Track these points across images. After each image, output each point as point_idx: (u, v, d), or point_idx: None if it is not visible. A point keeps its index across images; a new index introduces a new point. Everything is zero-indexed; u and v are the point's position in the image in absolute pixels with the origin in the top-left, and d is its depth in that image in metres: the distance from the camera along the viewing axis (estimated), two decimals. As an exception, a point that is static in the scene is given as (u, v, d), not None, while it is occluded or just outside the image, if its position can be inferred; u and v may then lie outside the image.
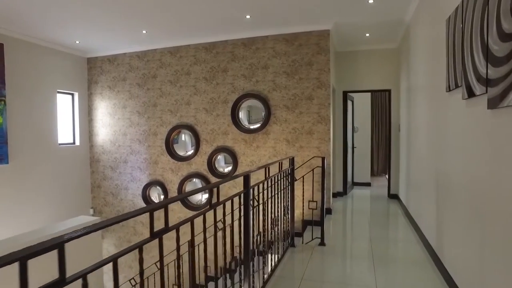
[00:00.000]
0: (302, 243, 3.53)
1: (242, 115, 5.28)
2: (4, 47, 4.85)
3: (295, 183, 3.58)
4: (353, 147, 6.89)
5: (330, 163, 4.77)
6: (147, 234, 1.27)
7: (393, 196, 5.81)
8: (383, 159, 8.73)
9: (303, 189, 3.53)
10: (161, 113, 5.76)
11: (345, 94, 6.13)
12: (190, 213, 5.40)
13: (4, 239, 2.93)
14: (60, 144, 5.78)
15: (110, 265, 1.09)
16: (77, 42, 5.51)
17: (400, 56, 5.51)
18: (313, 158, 4.24)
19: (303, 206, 3.62)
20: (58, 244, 0.81)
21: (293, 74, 4.90)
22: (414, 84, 4.18)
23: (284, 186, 3.28)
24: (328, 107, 4.75)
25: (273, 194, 2.86)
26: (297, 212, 4.41)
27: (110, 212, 6.27)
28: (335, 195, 6.03)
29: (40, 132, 5.39)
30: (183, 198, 2.38)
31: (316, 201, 3.45)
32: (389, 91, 5.87)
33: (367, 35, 5.18)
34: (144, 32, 5.01)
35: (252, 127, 5.22)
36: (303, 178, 3.51)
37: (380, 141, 8.81)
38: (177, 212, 5.57)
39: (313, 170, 3.59)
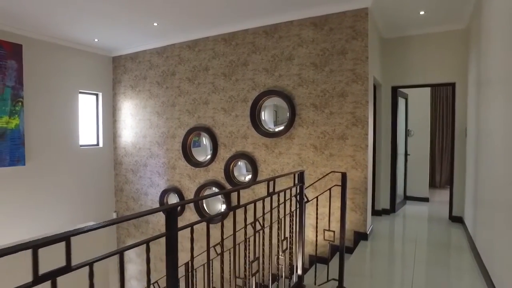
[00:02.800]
0: (315, 283, 2.67)
1: (264, 115, 4.54)
2: (23, 48, 4.77)
3: (315, 203, 2.73)
4: (406, 155, 5.69)
5: (368, 177, 3.78)
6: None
7: (456, 219, 4.55)
8: (447, 168, 7.24)
9: (316, 213, 2.66)
10: (179, 113, 5.27)
11: (394, 90, 5.01)
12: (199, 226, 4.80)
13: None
14: (81, 145, 5.63)
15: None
16: (96, 40, 5.28)
17: (468, 39, 4.26)
18: (331, 173, 3.33)
19: (316, 233, 2.75)
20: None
21: (323, 65, 4.01)
22: (486, 75, 3.03)
23: (290, 211, 2.47)
24: (365, 105, 3.77)
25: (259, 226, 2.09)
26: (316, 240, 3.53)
27: (131, 217, 5.99)
28: (379, 213, 4.95)
29: (59, 134, 5.27)
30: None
31: (334, 231, 2.56)
32: (453, 85, 4.61)
33: (422, 13, 4.06)
34: (155, 24, 4.54)
35: (274, 130, 4.45)
36: (317, 200, 2.65)
37: (444, 146, 7.34)
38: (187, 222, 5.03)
39: (330, 189, 2.70)
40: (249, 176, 4.68)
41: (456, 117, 4.58)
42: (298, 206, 2.60)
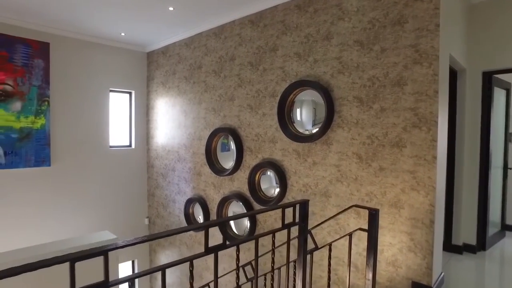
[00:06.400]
0: None
1: (300, 114, 3.56)
2: (50, 46, 4.63)
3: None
4: (505, 168, 4.08)
5: (435, 203, 2.54)
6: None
7: None
8: None
9: (329, 264, 1.64)
10: (205, 112, 4.60)
11: (487, 78, 3.53)
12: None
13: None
14: (111, 146, 5.37)
15: None
16: (123, 34, 4.92)
17: None
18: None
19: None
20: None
21: (371, 43, 2.88)
22: None
23: (273, 262, 1.52)
24: (433, 98, 2.53)
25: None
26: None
27: (161, 225, 5.56)
28: (459, 249, 3.54)
29: (88, 134, 5.06)
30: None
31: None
32: None
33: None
34: (171, 9, 3.92)
35: (311, 132, 3.44)
36: (330, 248, 1.63)
37: None
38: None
39: (350, 235, 1.65)
40: (278, 189, 3.75)
41: None
42: (299, 256, 1.62)
